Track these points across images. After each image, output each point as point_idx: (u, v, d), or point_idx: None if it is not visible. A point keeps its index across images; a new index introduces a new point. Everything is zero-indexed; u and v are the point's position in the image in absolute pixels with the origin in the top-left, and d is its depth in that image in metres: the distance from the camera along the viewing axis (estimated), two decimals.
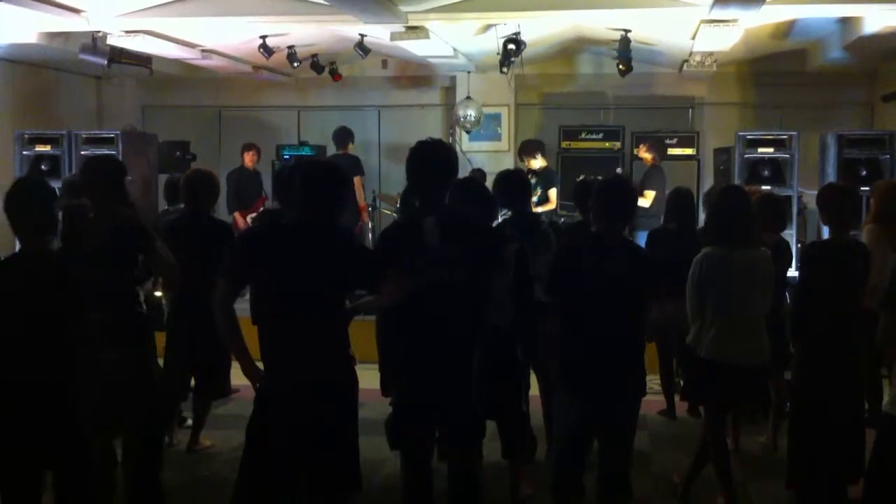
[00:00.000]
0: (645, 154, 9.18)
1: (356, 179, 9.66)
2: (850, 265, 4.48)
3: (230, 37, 9.29)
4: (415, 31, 8.10)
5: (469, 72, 11.31)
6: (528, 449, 5.16)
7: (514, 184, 5.32)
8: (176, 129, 11.61)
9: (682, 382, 6.33)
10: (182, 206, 6.05)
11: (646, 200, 8.56)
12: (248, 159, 10.42)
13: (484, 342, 3.96)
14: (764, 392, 5.12)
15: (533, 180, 8.40)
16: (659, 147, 9.34)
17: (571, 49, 11.24)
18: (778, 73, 11.03)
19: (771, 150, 8.86)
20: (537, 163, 9.23)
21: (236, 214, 10.04)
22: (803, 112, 10.99)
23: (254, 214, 9.84)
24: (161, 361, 5.82)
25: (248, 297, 3.81)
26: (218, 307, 3.68)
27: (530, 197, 5.69)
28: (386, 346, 4.01)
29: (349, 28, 8.57)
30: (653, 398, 6.31)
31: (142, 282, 4.66)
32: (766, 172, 8.73)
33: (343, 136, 10.25)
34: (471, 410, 3.88)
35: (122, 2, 7.58)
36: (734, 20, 7.31)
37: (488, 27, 8.64)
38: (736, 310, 4.54)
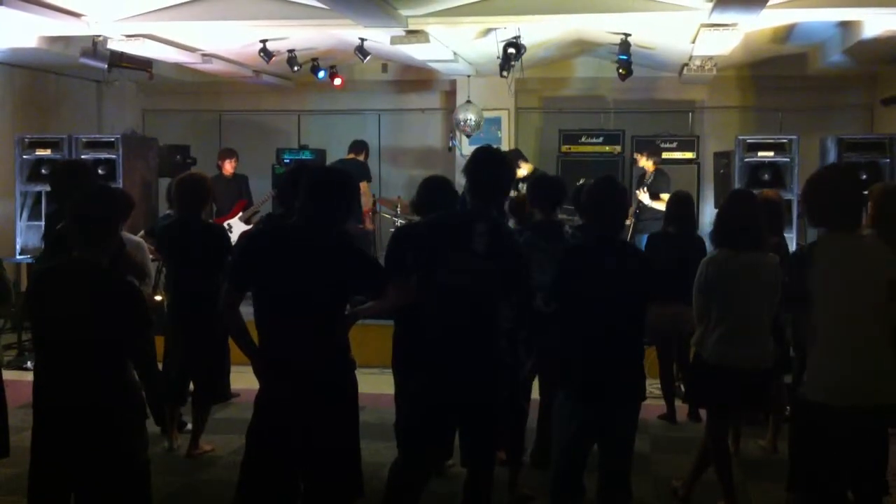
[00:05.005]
0: (646, 163, 9.27)
1: (362, 185, 9.76)
2: None
3: (230, 41, 9.29)
4: (415, 35, 8.10)
5: (469, 76, 11.31)
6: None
7: (546, 189, 5.37)
8: (176, 132, 11.62)
9: (682, 387, 6.35)
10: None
11: (661, 203, 8.60)
12: (226, 166, 10.27)
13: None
14: (766, 396, 5.12)
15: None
16: (656, 150, 9.50)
17: (571, 53, 11.24)
18: (778, 76, 11.03)
19: (771, 153, 8.86)
20: (522, 171, 9.28)
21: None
22: (803, 116, 11.00)
23: (231, 220, 9.82)
24: (160, 365, 5.85)
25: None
26: (224, 311, 3.68)
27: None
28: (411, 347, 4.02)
29: (349, 32, 8.56)
30: (653, 402, 6.32)
31: None
32: (766, 176, 8.72)
33: (357, 145, 10.48)
34: (497, 413, 3.90)
35: (123, 6, 7.58)
36: (734, 24, 7.31)
37: (488, 31, 8.64)
38: (740, 313, 4.54)
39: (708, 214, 10.30)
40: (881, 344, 3.59)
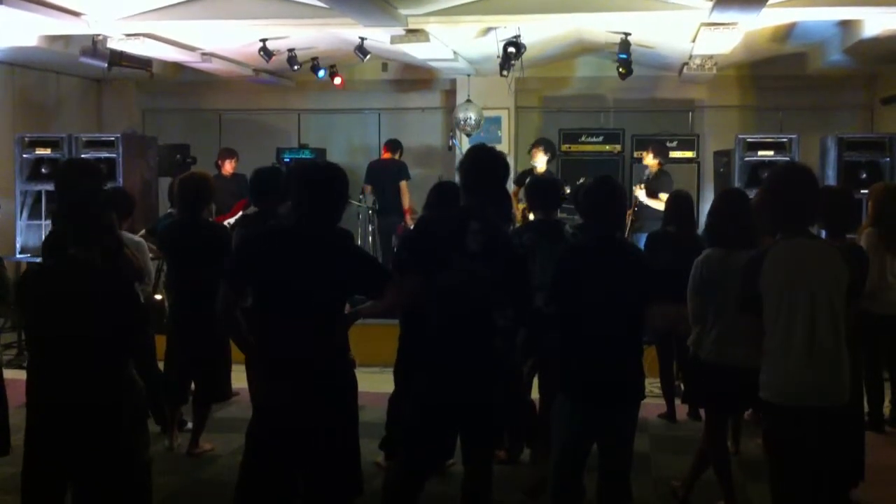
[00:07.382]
0: (651, 161, 9.13)
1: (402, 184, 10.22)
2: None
3: (230, 40, 9.30)
4: (415, 34, 8.10)
5: (469, 75, 11.32)
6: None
7: (545, 189, 5.38)
8: (176, 132, 11.62)
9: (682, 386, 6.35)
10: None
11: (658, 203, 8.58)
12: (226, 166, 10.27)
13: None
14: None
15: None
16: (662, 150, 9.33)
17: (571, 52, 11.24)
18: (778, 76, 11.04)
19: (771, 153, 8.86)
20: (536, 162, 9.25)
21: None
22: (803, 115, 11.01)
23: (230, 219, 9.82)
24: (161, 365, 5.85)
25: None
26: (223, 313, 3.67)
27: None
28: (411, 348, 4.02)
29: (349, 31, 8.57)
30: (653, 401, 6.32)
31: None
32: (765, 175, 8.71)
33: (394, 144, 10.65)
34: (496, 412, 3.90)
35: (123, 5, 7.58)
36: (734, 23, 7.31)
37: (488, 30, 8.64)
38: (737, 312, 4.53)
39: None
40: (834, 345, 3.59)
